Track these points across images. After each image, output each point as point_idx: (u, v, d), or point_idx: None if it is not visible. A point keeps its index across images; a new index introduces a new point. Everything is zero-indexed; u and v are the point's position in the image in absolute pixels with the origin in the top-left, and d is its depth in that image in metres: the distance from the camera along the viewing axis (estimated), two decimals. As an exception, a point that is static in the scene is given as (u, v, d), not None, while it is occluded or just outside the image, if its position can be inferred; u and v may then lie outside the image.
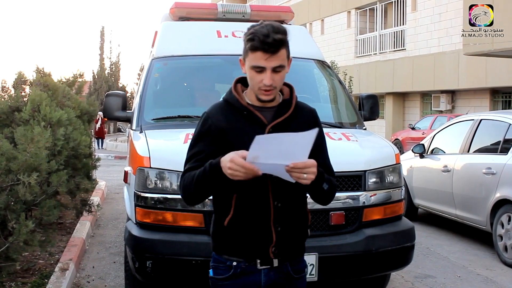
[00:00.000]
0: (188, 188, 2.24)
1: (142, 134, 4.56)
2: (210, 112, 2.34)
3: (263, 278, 2.31)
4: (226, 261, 2.31)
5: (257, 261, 2.29)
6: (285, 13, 6.35)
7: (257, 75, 2.21)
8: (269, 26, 2.17)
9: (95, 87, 43.21)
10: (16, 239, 4.19)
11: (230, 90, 2.37)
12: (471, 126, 7.46)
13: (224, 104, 2.35)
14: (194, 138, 2.33)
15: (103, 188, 11.16)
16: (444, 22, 21.52)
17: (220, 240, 2.34)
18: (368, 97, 5.61)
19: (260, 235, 2.27)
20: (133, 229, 4.13)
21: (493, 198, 6.52)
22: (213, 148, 2.26)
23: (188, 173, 2.27)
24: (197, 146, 2.31)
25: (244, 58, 2.26)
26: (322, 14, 29.97)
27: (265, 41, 2.14)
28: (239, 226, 2.28)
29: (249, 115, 2.29)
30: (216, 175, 2.12)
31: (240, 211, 2.27)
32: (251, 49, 2.18)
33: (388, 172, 4.41)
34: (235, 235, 2.29)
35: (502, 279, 5.81)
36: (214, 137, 2.28)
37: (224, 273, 2.31)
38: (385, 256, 4.24)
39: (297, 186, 2.26)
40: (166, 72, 5.55)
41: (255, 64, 2.19)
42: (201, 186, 2.20)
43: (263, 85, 2.21)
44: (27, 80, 6.84)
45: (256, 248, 2.28)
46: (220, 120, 2.29)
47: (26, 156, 4.27)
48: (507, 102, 20.32)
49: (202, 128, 2.32)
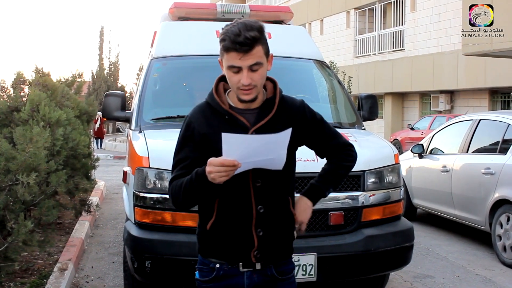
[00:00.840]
0: (176, 196, 2.22)
1: (141, 134, 4.56)
2: (192, 116, 2.31)
3: (246, 280, 2.30)
4: (209, 263, 2.31)
5: (239, 264, 2.28)
6: (284, 13, 6.35)
7: (235, 76, 2.16)
8: (241, 24, 2.12)
9: (94, 87, 43.18)
10: (15, 239, 4.18)
11: (211, 91, 2.32)
12: (470, 126, 7.47)
13: (206, 107, 2.31)
14: (179, 143, 2.30)
15: (102, 188, 11.15)
16: (443, 22, 21.53)
17: (204, 243, 2.33)
18: (367, 97, 5.62)
19: (242, 240, 2.26)
20: (132, 229, 4.13)
21: (492, 198, 6.53)
22: (197, 154, 2.24)
23: (175, 181, 2.23)
24: (182, 152, 2.27)
25: (221, 59, 2.21)
26: (321, 14, 29.97)
27: (236, 41, 2.09)
28: (221, 230, 2.27)
29: (230, 119, 2.24)
30: (203, 184, 2.10)
31: (222, 215, 2.26)
32: (224, 50, 2.14)
33: (387, 172, 4.42)
34: (217, 239, 2.28)
35: (501, 279, 5.81)
36: (197, 143, 2.25)
37: (208, 275, 2.31)
38: (384, 256, 4.24)
39: (281, 191, 2.30)
40: (165, 72, 5.55)
41: (230, 64, 2.14)
42: (190, 195, 2.17)
43: (241, 85, 2.16)
44: (26, 80, 6.85)
45: (237, 252, 2.27)
46: (202, 124, 2.26)
47: (25, 156, 4.27)
48: (506, 102, 20.34)
49: (185, 133, 2.29)
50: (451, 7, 21.04)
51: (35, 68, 7.42)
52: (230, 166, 2.01)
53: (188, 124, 2.29)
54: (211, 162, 2.03)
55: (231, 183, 2.13)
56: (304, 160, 3.81)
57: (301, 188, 3.71)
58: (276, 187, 2.28)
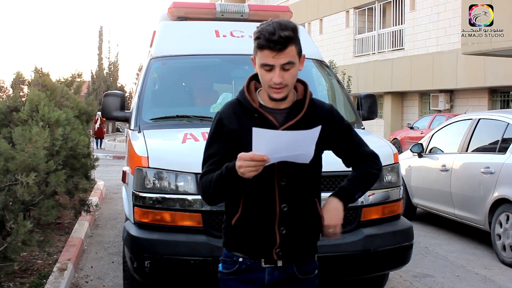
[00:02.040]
0: (207, 191, 2.27)
1: (141, 134, 4.56)
2: (222, 112, 2.34)
3: (266, 276, 2.33)
4: (233, 256, 2.35)
5: (261, 260, 2.31)
6: (283, 13, 6.35)
7: (267, 74, 2.19)
8: (276, 23, 2.16)
9: (94, 87, 43.18)
10: (14, 239, 4.18)
11: (243, 89, 2.35)
12: (469, 126, 7.47)
13: (236, 104, 2.34)
14: (209, 139, 2.35)
15: (101, 188, 11.16)
16: (443, 22, 21.54)
17: (229, 237, 2.37)
18: (366, 96, 5.61)
19: (264, 237, 2.28)
20: (131, 229, 4.13)
21: (492, 197, 6.53)
22: (227, 150, 2.28)
23: (205, 176, 2.28)
24: (212, 148, 2.32)
25: (254, 57, 2.25)
26: (321, 14, 29.97)
27: (271, 39, 2.13)
28: (245, 226, 2.30)
29: (260, 118, 2.27)
30: (233, 179, 2.14)
31: (247, 211, 2.29)
32: (259, 48, 2.18)
33: (386, 172, 4.41)
34: (241, 234, 2.32)
35: (501, 278, 5.82)
36: (227, 139, 2.29)
37: (230, 268, 2.35)
38: (384, 256, 4.24)
39: (306, 191, 2.32)
40: (164, 72, 5.55)
41: (263, 62, 2.18)
42: (220, 190, 2.22)
43: (273, 83, 2.19)
44: (25, 80, 6.85)
45: (260, 248, 2.30)
46: (232, 121, 2.29)
47: (24, 156, 4.26)
48: (506, 101, 20.34)
49: (216, 129, 2.33)
50: (450, 7, 21.05)
51: (34, 68, 7.42)
52: (259, 161, 2.05)
53: (219, 120, 2.32)
54: (241, 156, 2.07)
55: (257, 180, 2.17)
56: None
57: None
58: (301, 186, 2.30)
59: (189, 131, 4.45)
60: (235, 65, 5.70)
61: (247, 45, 5.65)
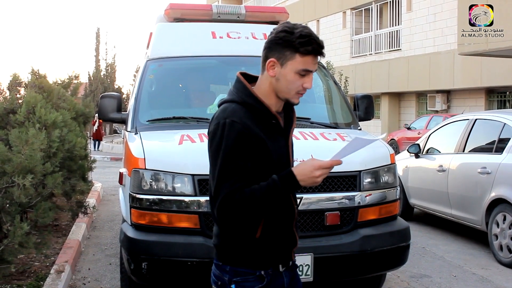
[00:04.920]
0: (249, 208, 2.08)
1: (137, 135, 4.56)
2: (240, 122, 2.13)
3: (285, 279, 2.32)
4: (255, 271, 2.22)
5: (279, 265, 2.28)
6: (279, 14, 6.36)
7: (299, 79, 2.16)
8: (309, 29, 2.17)
9: (91, 88, 43.11)
10: (11, 242, 4.18)
11: (252, 94, 2.21)
12: (466, 126, 7.48)
13: (244, 110, 2.18)
14: (231, 151, 2.11)
15: (99, 189, 11.14)
16: (439, 22, 21.57)
17: (253, 253, 2.22)
18: (363, 97, 5.62)
19: (287, 239, 2.29)
20: (128, 230, 4.13)
21: (488, 198, 6.54)
22: (253, 160, 2.13)
23: (240, 192, 2.07)
24: (238, 160, 2.10)
25: (281, 61, 2.15)
26: (318, 15, 30.00)
27: (321, 45, 2.15)
28: (270, 235, 2.22)
29: (277, 123, 2.23)
30: (291, 188, 2.10)
31: (270, 220, 2.22)
32: (305, 53, 2.12)
33: (383, 172, 4.42)
34: (267, 245, 2.23)
35: (498, 278, 5.83)
36: (254, 149, 2.13)
37: (256, 285, 2.21)
38: (381, 256, 4.25)
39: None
40: (161, 73, 5.55)
41: (304, 67, 2.14)
42: (269, 204, 2.10)
43: (302, 89, 2.18)
44: (22, 82, 6.84)
45: (282, 252, 2.29)
46: (254, 129, 2.15)
47: (20, 158, 4.26)
48: (502, 101, 20.38)
49: (239, 140, 2.11)
50: (447, 7, 21.09)
51: (31, 70, 7.44)
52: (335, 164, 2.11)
53: (241, 130, 2.12)
54: (322, 165, 2.09)
55: None
56: (300, 160, 3.81)
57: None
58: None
59: (185, 132, 4.45)
60: (232, 66, 5.70)
61: (244, 46, 5.71)
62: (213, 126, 2.18)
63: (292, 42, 2.12)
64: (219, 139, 2.13)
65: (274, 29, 2.20)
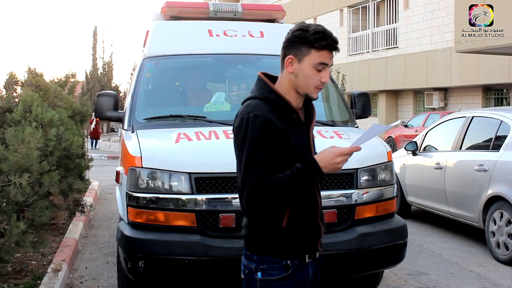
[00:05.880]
0: (273, 196, 2.17)
1: (134, 134, 4.55)
2: (262, 114, 2.22)
3: (310, 270, 2.38)
4: (282, 261, 2.29)
5: (306, 256, 2.35)
6: (276, 12, 6.35)
7: (317, 74, 2.26)
8: (322, 26, 2.27)
9: (88, 87, 43.05)
10: (8, 240, 4.18)
11: (272, 90, 2.30)
12: (463, 123, 7.48)
13: (266, 105, 2.27)
14: (255, 143, 2.20)
15: (96, 188, 11.12)
16: (436, 20, 21.57)
17: (279, 242, 2.30)
18: (360, 95, 5.62)
19: (312, 230, 2.36)
20: (125, 229, 4.12)
21: (485, 195, 6.55)
22: (276, 152, 2.22)
23: (265, 181, 2.16)
24: (261, 152, 2.19)
25: (298, 57, 2.26)
26: (315, 13, 29.97)
27: (336, 40, 2.25)
28: (295, 224, 2.30)
29: (298, 117, 2.32)
30: (314, 175, 2.18)
31: (295, 210, 2.30)
32: (321, 47, 2.23)
33: (380, 170, 4.42)
34: (292, 234, 2.30)
35: (495, 275, 5.84)
36: (277, 141, 2.22)
37: (281, 273, 2.29)
38: (378, 254, 4.25)
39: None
40: (157, 71, 5.54)
41: (321, 61, 2.24)
42: (292, 192, 2.19)
43: (320, 84, 2.27)
44: (18, 81, 6.83)
45: (308, 243, 2.35)
46: (277, 123, 2.23)
47: (17, 157, 4.26)
48: (499, 99, 20.39)
49: (263, 132, 2.20)
50: (443, 5, 21.08)
51: (27, 68, 7.41)
52: (356, 150, 2.19)
53: (264, 123, 2.21)
54: (343, 151, 2.17)
55: None
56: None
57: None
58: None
59: (182, 130, 4.44)
60: (229, 64, 5.70)
61: (240, 44, 5.71)
62: (238, 121, 2.28)
63: (307, 38, 2.23)
64: (243, 133, 2.23)
65: (290, 29, 2.31)
